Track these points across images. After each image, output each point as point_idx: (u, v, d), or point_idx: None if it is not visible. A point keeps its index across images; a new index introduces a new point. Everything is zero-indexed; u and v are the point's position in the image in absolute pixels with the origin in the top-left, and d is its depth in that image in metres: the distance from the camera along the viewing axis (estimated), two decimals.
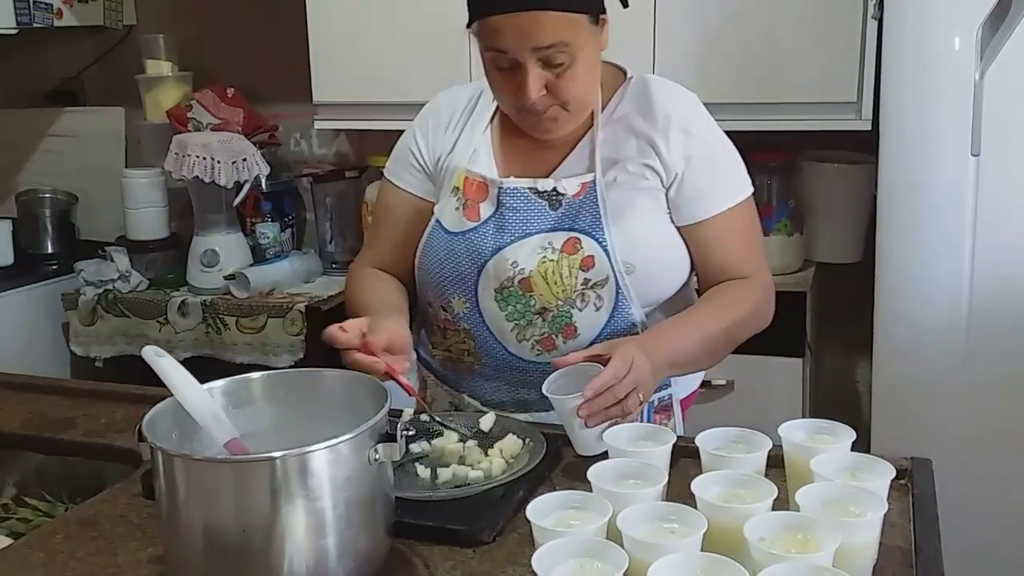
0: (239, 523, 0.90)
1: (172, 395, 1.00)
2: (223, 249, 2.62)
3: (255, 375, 1.08)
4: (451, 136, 1.43)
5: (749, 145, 2.35)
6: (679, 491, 1.05)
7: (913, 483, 1.16)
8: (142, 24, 3.02)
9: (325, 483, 0.90)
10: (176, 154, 2.57)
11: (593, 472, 1.03)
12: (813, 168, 2.37)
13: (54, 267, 2.81)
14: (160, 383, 1.02)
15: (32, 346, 2.67)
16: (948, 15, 1.75)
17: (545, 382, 1.22)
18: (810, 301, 2.29)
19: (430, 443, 1.24)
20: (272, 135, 2.82)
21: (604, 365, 1.19)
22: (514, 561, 1.03)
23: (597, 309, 1.35)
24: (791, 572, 0.82)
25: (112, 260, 2.68)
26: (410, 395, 1.25)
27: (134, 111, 2.96)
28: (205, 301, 2.55)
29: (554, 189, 1.35)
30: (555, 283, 1.34)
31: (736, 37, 2.18)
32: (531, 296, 1.35)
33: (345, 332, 1.23)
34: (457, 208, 1.39)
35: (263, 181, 2.70)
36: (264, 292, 2.56)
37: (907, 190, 1.84)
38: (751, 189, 1.40)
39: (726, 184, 1.38)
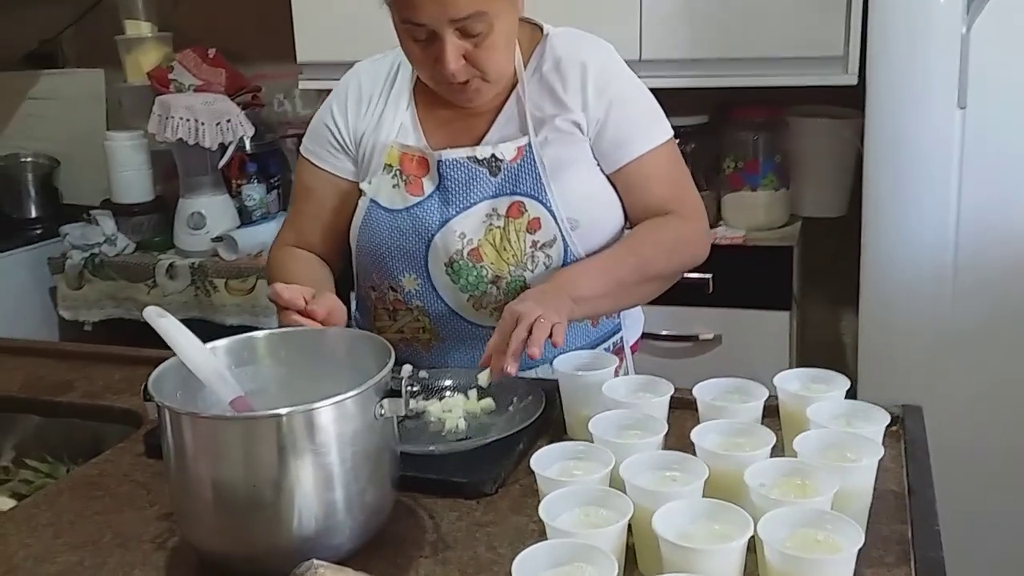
0: (248, 479, 0.90)
1: (174, 355, 1.00)
2: (209, 211, 2.60)
3: (257, 334, 1.09)
4: (374, 112, 1.40)
5: (736, 101, 2.40)
6: (676, 441, 1.06)
7: (905, 429, 1.18)
8: None
9: (332, 438, 0.91)
10: (159, 116, 2.54)
11: (594, 423, 1.04)
12: (799, 123, 2.37)
13: (38, 232, 2.79)
14: (156, 344, 1.02)
15: (20, 311, 2.65)
16: None
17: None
18: (796, 255, 2.31)
19: (439, 399, 1.26)
20: (255, 96, 2.79)
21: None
22: (517, 511, 1.05)
23: (547, 268, 1.35)
24: (793, 515, 0.85)
25: (98, 224, 2.67)
26: None
27: (114, 73, 2.91)
28: (193, 264, 2.54)
29: (493, 155, 1.34)
30: (504, 249, 1.34)
31: None
32: (482, 266, 1.35)
33: (289, 291, 1.19)
34: (396, 185, 1.36)
35: (247, 143, 2.69)
36: (252, 254, 2.56)
37: (893, 144, 1.85)
38: (671, 133, 1.39)
39: (646, 127, 1.37)
